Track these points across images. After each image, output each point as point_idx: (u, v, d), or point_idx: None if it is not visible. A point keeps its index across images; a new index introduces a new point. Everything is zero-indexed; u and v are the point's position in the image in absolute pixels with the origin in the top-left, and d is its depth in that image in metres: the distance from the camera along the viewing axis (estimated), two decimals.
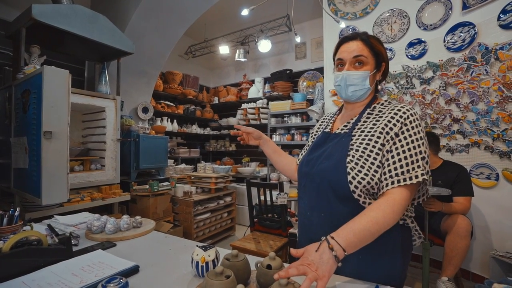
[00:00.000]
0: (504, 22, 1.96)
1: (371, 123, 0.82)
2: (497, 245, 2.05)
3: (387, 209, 0.68)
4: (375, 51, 0.84)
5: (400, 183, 0.71)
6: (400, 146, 0.74)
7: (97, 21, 2.16)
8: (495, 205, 2.07)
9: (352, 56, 0.83)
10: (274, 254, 0.70)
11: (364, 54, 0.83)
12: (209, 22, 4.13)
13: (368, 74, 0.83)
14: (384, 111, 0.82)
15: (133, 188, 2.64)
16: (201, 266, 0.75)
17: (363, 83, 0.83)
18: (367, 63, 0.83)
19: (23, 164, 1.59)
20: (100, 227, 1.12)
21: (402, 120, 0.76)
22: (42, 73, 1.41)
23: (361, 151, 0.77)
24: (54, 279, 0.70)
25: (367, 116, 0.85)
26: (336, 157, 0.80)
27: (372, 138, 0.77)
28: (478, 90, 2.12)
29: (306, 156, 0.93)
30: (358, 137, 0.81)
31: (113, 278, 0.66)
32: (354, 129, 0.84)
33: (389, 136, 0.75)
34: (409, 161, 0.72)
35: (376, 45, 0.85)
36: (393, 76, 2.63)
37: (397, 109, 0.79)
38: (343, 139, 0.83)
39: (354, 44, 0.84)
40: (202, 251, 0.77)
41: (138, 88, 3.32)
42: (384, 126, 0.77)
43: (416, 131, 0.75)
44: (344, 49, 0.86)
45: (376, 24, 2.75)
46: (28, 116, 1.53)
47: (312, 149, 0.91)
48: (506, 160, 2.00)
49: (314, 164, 0.85)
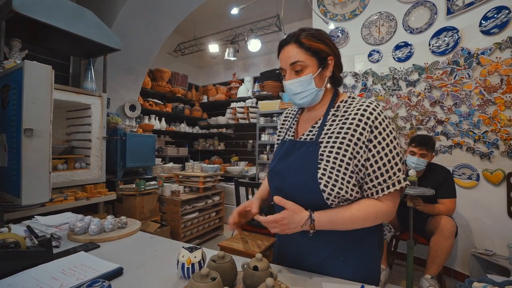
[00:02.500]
0: (485, 28, 2.03)
1: (337, 126, 0.77)
2: (477, 243, 2.13)
3: (371, 214, 0.73)
4: (312, 51, 0.77)
5: (385, 191, 0.73)
6: (376, 152, 0.72)
7: (82, 16, 2.09)
8: (476, 204, 2.15)
9: (289, 64, 0.78)
10: (261, 255, 0.70)
11: (300, 59, 0.77)
12: (198, 20, 4.09)
13: (311, 78, 0.77)
14: (350, 111, 0.77)
15: (119, 187, 2.58)
16: (187, 268, 0.73)
17: (308, 87, 0.78)
18: (306, 67, 0.77)
19: (2, 163, 1.53)
20: (83, 228, 1.09)
21: (370, 123, 0.72)
22: (23, 68, 1.35)
23: (332, 161, 0.72)
24: (32, 284, 0.68)
25: (333, 119, 0.79)
26: (306, 172, 0.75)
27: (342, 147, 0.73)
28: (461, 93, 2.20)
29: (274, 165, 0.86)
30: (326, 144, 0.75)
31: (96, 281, 0.64)
32: (321, 135, 0.78)
33: (360, 142, 0.72)
34: (389, 167, 0.72)
35: (312, 44, 0.77)
36: (380, 78, 2.68)
37: (363, 109, 0.74)
38: (311, 148, 0.77)
39: (289, 49, 0.78)
40: (188, 252, 0.75)
41: (125, 85, 3.25)
42: (353, 132, 0.73)
43: (388, 132, 0.73)
44: (281, 57, 0.81)
45: (365, 26, 2.79)
46: (8, 113, 1.47)
47: (280, 159, 0.84)
48: (486, 161, 2.08)
49: (285, 178, 0.80)
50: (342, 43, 2.91)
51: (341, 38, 2.92)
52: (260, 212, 0.89)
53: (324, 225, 0.72)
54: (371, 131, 0.72)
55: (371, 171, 0.73)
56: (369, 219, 0.72)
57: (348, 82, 2.87)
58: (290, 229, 0.71)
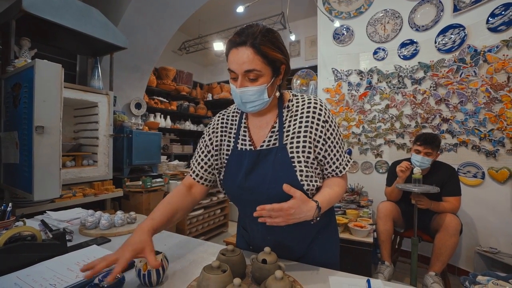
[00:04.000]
0: (493, 25, 2.02)
1: (295, 126, 0.80)
2: (482, 241, 2.13)
3: (343, 188, 0.85)
4: (269, 60, 0.73)
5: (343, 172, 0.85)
6: (331, 143, 0.81)
7: (89, 15, 2.12)
8: (481, 202, 2.15)
9: (243, 70, 0.72)
10: (269, 249, 0.72)
11: (256, 68, 0.71)
12: (203, 18, 4.10)
13: (264, 88, 0.74)
14: (300, 110, 0.81)
15: (126, 184, 2.62)
16: (142, 275, 0.67)
17: (261, 97, 0.76)
18: (261, 76, 0.73)
19: (14, 159, 1.56)
20: (94, 222, 1.12)
21: (322, 118, 0.80)
22: (34, 67, 1.38)
23: (303, 161, 0.77)
24: (49, 274, 0.71)
25: (289, 120, 0.81)
26: (286, 179, 0.75)
27: (305, 145, 0.78)
28: (466, 91, 2.19)
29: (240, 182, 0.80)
30: (291, 145, 0.78)
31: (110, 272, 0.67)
32: (283, 138, 0.79)
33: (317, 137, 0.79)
34: (341, 152, 0.85)
35: (269, 52, 0.72)
36: (385, 76, 2.67)
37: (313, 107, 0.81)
38: (279, 154, 0.77)
39: (244, 53, 0.71)
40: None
41: (131, 83, 3.28)
42: (310, 129, 0.79)
43: (334, 124, 0.83)
44: (233, 59, 0.73)
45: (370, 23, 2.78)
46: (19, 110, 1.50)
47: (246, 174, 0.79)
48: (491, 159, 2.07)
49: (260, 191, 0.77)
50: (347, 41, 2.91)
51: (346, 36, 2.92)
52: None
53: (324, 208, 0.76)
54: (323, 125, 0.80)
55: (329, 159, 0.82)
56: (343, 192, 0.85)
57: (353, 80, 2.86)
58: (294, 219, 0.69)
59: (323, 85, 3.04)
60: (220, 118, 0.93)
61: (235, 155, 0.84)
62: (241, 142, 0.85)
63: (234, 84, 0.76)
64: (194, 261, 0.86)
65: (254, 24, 0.76)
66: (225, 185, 0.87)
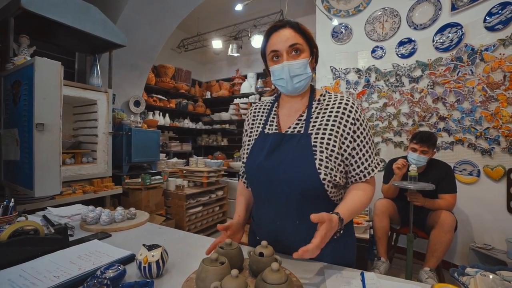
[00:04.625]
0: (490, 24, 2.04)
1: (323, 118, 0.81)
2: (476, 238, 2.16)
3: (369, 196, 0.83)
4: (307, 37, 0.81)
5: (370, 174, 0.83)
6: (360, 142, 0.81)
7: (88, 12, 2.12)
8: (476, 200, 2.18)
9: (288, 45, 0.78)
10: (266, 242, 0.74)
11: (299, 42, 0.79)
12: (202, 16, 4.10)
13: (307, 62, 0.80)
14: (331, 105, 0.83)
15: (125, 181, 2.63)
16: (143, 267, 0.69)
17: (306, 71, 0.80)
18: (303, 50, 0.80)
19: (14, 156, 1.58)
20: (95, 218, 1.14)
21: (352, 115, 0.80)
22: (34, 64, 1.39)
23: (325, 152, 0.77)
24: (52, 267, 0.72)
25: (317, 111, 0.83)
26: (304, 164, 0.76)
27: (331, 137, 0.78)
28: (463, 90, 2.21)
29: (261, 161, 0.82)
30: (316, 136, 0.79)
31: (112, 265, 0.69)
32: (309, 127, 0.81)
33: (345, 133, 0.79)
34: (371, 153, 0.83)
35: (306, 30, 0.82)
36: (383, 74, 2.69)
37: (344, 103, 0.82)
38: (302, 140, 0.79)
39: (286, 32, 0.79)
40: (147, 250, 0.71)
41: (130, 81, 3.29)
42: (338, 124, 0.79)
43: (365, 124, 0.82)
44: (276, 39, 0.80)
45: (368, 22, 2.79)
46: (19, 108, 1.51)
47: (268, 153, 0.82)
48: (487, 157, 2.10)
49: (277, 173, 0.79)
50: (346, 39, 2.92)
51: (344, 34, 2.93)
52: None
53: (347, 219, 0.75)
54: (354, 123, 0.80)
55: (357, 158, 0.81)
56: (369, 199, 0.83)
57: (351, 79, 2.88)
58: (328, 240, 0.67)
59: (322, 83, 3.05)
60: (253, 108, 1.00)
61: (261, 137, 0.89)
62: (268, 127, 0.90)
63: (278, 63, 0.81)
64: (192, 255, 0.88)
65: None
66: (246, 165, 0.89)
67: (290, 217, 0.81)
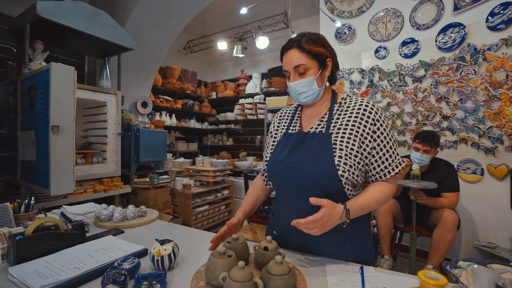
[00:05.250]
0: (492, 24, 2.05)
1: (344, 119, 0.86)
2: (480, 236, 2.18)
3: (386, 195, 0.85)
4: (313, 54, 0.85)
5: (391, 173, 0.85)
6: (380, 142, 0.84)
7: (98, 18, 2.20)
8: (480, 198, 2.19)
9: (293, 67, 0.86)
10: (270, 237, 0.79)
11: (303, 63, 0.85)
12: (207, 17, 4.16)
13: (313, 79, 0.86)
14: (352, 107, 0.87)
15: (134, 180, 2.71)
16: (156, 260, 0.74)
17: (311, 87, 0.87)
18: (308, 69, 0.86)
19: (31, 157, 1.66)
20: (108, 215, 1.20)
21: (372, 116, 0.84)
22: (50, 70, 1.46)
23: (345, 150, 0.81)
24: (73, 260, 0.79)
25: (338, 113, 0.89)
26: (323, 160, 0.81)
27: (351, 137, 0.83)
28: (466, 89, 2.22)
29: (283, 157, 0.88)
30: (336, 135, 0.84)
31: (127, 258, 0.75)
32: (330, 127, 0.86)
33: (365, 133, 0.83)
34: (391, 153, 0.86)
35: (312, 48, 0.85)
36: (386, 74, 2.71)
37: (365, 105, 0.86)
38: (323, 139, 0.85)
39: (292, 53, 0.86)
40: (159, 244, 0.76)
41: (137, 83, 3.37)
42: (358, 125, 0.83)
43: (386, 125, 0.85)
44: (285, 61, 0.89)
45: (371, 23, 2.82)
46: (36, 111, 1.59)
47: (290, 150, 0.88)
48: (490, 156, 2.11)
49: (297, 168, 0.84)
50: (349, 40, 2.94)
51: (347, 35, 2.96)
52: None
53: (356, 212, 0.79)
54: (374, 124, 0.84)
55: (378, 157, 0.84)
56: (386, 198, 0.85)
57: (354, 79, 2.91)
58: (328, 225, 0.74)
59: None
60: (279, 114, 1.07)
61: (284, 137, 0.95)
62: (292, 128, 0.97)
63: (289, 81, 0.90)
64: (200, 250, 0.93)
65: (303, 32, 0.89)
66: (269, 161, 0.96)
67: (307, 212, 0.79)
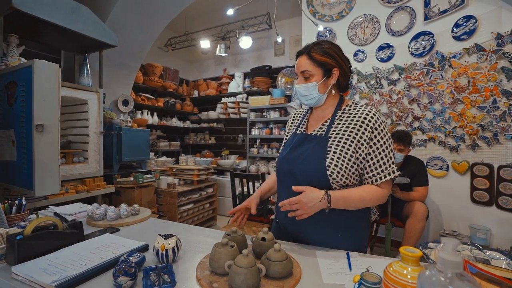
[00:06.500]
0: (456, 34, 2.26)
1: (344, 125, 0.93)
2: (445, 225, 2.41)
3: (374, 197, 0.91)
4: (318, 63, 0.94)
5: (383, 179, 0.91)
6: (376, 149, 0.90)
7: (79, 12, 2.13)
8: (445, 191, 2.42)
9: (300, 72, 0.97)
10: (267, 229, 0.86)
11: (308, 69, 0.94)
12: (189, 15, 4.12)
13: (315, 85, 0.95)
14: (353, 113, 0.94)
15: (117, 180, 2.66)
16: (161, 253, 0.78)
17: (312, 92, 0.96)
18: (313, 75, 0.95)
19: (10, 157, 1.59)
20: (101, 214, 1.21)
21: (371, 125, 0.90)
22: (33, 67, 1.42)
23: (338, 153, 0.89)
24: (75, 257, 0.80)
25: (340, 119, 0.96)
26: (316, 160, 0.91)
27: (347, 142, 0.90)
28: (435, 92, 2.43)
29: (286, 154, 1.00)
30: (334, 139, 0.92)
31: (132, 253, 0.79)
32: (330, 131, 0.95)
33: (362, 140, 0.89)
34: (386, 161, 0.91)
35: (318, 57, 0.93)
36: (364, 76, 2.88)
37: (366, 113, 0.92)
38: (321, 141, 0.94)
39: (301, 59, 0.96)
40: (163, 239, 0.81)
41: (118, 80, 3.28)
42: (356, 131, 0.90)
43: (384, 133, 0.91)
44: (296, 64, 0.99)
45: (351, 27, 2.97)
46: (16, 109, 1.53)
47: (292, 148, 0.99)
48: (454, 153, 2.34)
49: (296, 164, 0.95)
50: None
51: (328, 38, 3.09)
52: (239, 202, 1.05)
53: (338, 201, 0.86)
54: (371, 131, 0.90)
55: (372, 163, 0.91)
56: (373, 200, 0.91)
57: None
58: (310, 208, 0.84)
59: None
60: (293, 115, 1.17)
61: (292, 136, 1.06)
62: (299, 128, 1.07)
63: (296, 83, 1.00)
64: (198, 244, 0.98)
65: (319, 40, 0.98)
66: (278, 158, 1.06)
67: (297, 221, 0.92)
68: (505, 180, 2.01)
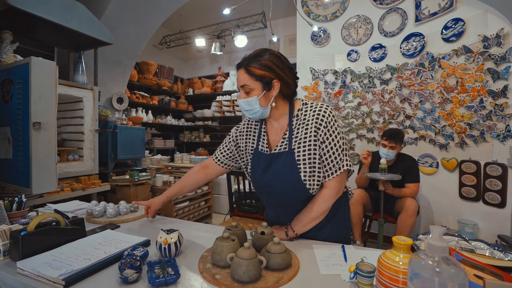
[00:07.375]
0: (446, 36, 2.33)
1: (302, 132, 0.94)
2: (435, 220, 2.50)
3: (320, 202, 0.97)
4: (256, 77, 0.91)
5: (333, 175, 0.94)
6: (328, 144, 0.92)
7: (75, 10, 2.11)
8: (435, 188, 2.50)
9: (240, 86, 0.95)
10: (266, 223, 0.90)
11: (247, 84, 0.92)
12: (184, 13, 4.11)
13: (256, 99, 0.92)
14: (307, 115, 0.95)
15: (112, 178, 2.65)
16: (163, 248, 0.81)
17: (254, 106, 0.94)
18: (253, 90, 0.92)
19: (5, 155, 1.58)
20: (101, 211, 1.22)
21: (324, 123, 0.91)
22: (30, 64, 1.42)
23: (308, 163, 0.92)
24: (79, 252, 0.82)
25: (297, 126, 0.96)
26: (291, 178, 0.93)
27: (311, 148, 0.92)
28: (425, 92, 2.51)
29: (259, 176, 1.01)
30: (298, 150, 0.93)
31: (136, 247, 0.81)
32: (292, 143, 0.94)
33: (321, 139, 0.92)
34: (336, 156, 0.93)
35: (256, 71, 0.90)
36: (357, 76, 2.94)
37: (317, 113, 0.93)
38: (288, 157, 0.94)
39: (240, 73, 0.94)
40: (165, 234, 0.83)
41: (113, 78, 3.26)
42: (315, 133, 0.92)
43: (334, 129, 0.92)
44: (237, 78, 0.97)
45: (344, 27, 3.02)
46: (12, 106, 1.52)
47: (263, 170, 0.99)
48: (444, 151, 2.42)
49: (273, 187, 0.98)
50: (324, 43, 3.13)
51: (323, 38, 3.14)
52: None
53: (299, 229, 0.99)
54: (325, 132, 0.92)
55: (325, 158, 0.93)
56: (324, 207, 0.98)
57: (328, 79, 3.10)
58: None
59: (302, 83, 3.25)
60: (246, 123, 1.11)
61: (256, 155, 1.04)
62: (261, 144, 1.04)
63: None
64: (198, 239, 1.01)
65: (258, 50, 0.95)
66: (251, 178, 1.08)
67: (289, 215, 1.03)
68: (490, 177, 2.10)
